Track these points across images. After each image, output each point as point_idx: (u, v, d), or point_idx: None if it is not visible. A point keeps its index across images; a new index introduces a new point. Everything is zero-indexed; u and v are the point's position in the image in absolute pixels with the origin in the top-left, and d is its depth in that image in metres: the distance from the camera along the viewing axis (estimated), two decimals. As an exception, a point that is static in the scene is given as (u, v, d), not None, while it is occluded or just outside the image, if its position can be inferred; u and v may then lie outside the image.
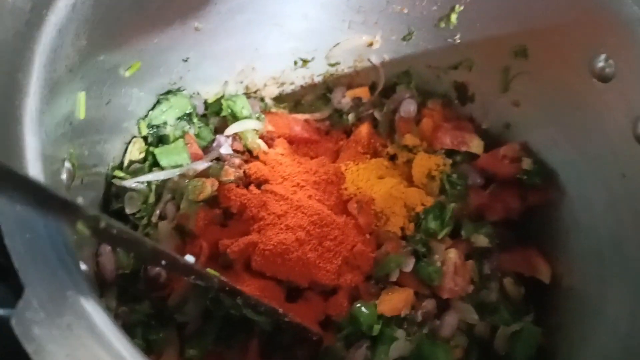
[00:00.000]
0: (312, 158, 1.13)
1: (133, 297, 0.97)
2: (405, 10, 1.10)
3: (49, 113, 0.68)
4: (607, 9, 0.91)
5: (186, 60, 1.05)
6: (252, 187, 1.03)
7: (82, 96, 0.79)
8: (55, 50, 0.69)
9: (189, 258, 0.69)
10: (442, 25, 1.10)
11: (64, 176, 0.74)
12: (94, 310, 0.53)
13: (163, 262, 0.64)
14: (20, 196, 0.45)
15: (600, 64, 0.95)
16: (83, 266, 0.66)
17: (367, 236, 1.04)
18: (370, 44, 1.18)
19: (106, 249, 0.96)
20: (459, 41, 1.11)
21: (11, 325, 0.51)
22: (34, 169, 0.60)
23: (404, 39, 1.15)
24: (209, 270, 0.77)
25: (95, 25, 0.77)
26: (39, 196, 0.46)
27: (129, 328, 0.93)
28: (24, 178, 0.45)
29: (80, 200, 0.82)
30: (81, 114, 0.80)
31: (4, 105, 0.62)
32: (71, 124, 0.78)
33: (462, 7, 1.06)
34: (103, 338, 0.52)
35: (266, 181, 1.04)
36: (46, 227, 0.56)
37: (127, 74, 0.93)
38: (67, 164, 0.76)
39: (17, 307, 0.51)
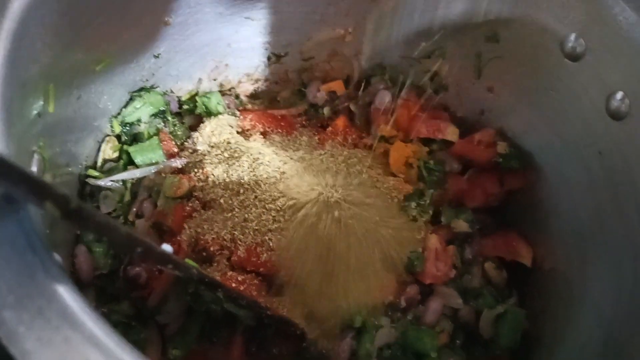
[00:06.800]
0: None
1: (112, 298, 0.95)
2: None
3: (16, 102, 0.67)
4: (574, -14, 0.92)
5: (157, 56, 1.04)
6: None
7: (51, 88, 0.78)
8: (20, 39, 0.67)
9: (166, 247, 0.67)
10: (414, 14, 1.10)
11: (34, 168, 0.72)
12: (65, 293, 0.52)
13: (139, 250, 0.62)
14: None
15: (571, 44, 0.95)
16: (56, 256, 0.64)
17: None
18: (343, 37, 1.18)
19: (82, 249, 0.94)
20: (430, 29, 1.11)
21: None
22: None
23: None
24: (187, 260, 0.76)
25: (61, 16, 0.76)
26: (5, 172, 0.45)
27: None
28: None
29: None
30: (50, 107, 0.78)
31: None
32: (40, 116, 0.76)
33: (432, -5, 1.06)
34: (75, 320, 0.51)
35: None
36: (14, 211, 0.54)
37: (98, 68, 0.91)
38: (37, 157, 0.74)
39: (-15, 292, 0.49)
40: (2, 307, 0.49)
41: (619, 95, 0.90)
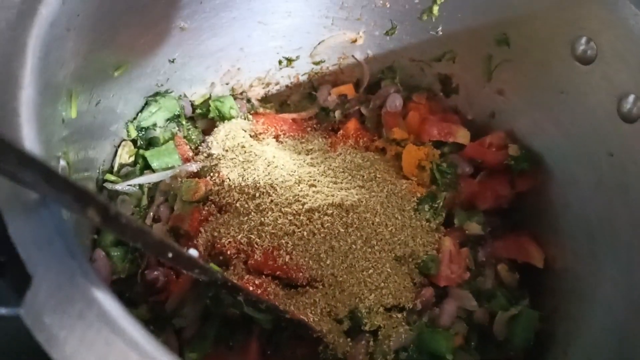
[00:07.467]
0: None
1: (129, 302, 0.95)
2: (388, 4, 1.11)
3: (44, 107, 0.67)
4: (585, -9, 0.93)
5: (173, 61, 1.05)
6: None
7: (74, 93, 0.78)
8: (47, 44, 0.68)
9: (193, 252, 0.68)
10: (425, 17, 1.11)
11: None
12: (104, 298, 0.52)
13: (170, 255, 0.63)
14: (32, 179, 0.44)
15: (582, 47, 0.97)
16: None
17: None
18: (354, 41, 1.19)
19: (100, 254, 0.95)
20: (441, 33, 1.13)
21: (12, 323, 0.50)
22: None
23: (387, 33, 1.16)
24: (212, 264, 0.76)
25: (84, 21, 0.77)
26: (51, 180, 0.46)
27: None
28: (37, 161, 0.44)
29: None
30: (73, 111, 0.79)
31: (1, 96, 0.61)
32: (63, 121, 0.77)
33: (443, -1, 1.08)
34: (115, 324, 0.51)
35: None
36: (51, 216, 0.55)
37: (116, 74, 0.92)
38: (62, 162, 0.75)
39: (26, 297, 0.50)
40: (44, 312, 0.49)
41: (631, 98, 0.91)
